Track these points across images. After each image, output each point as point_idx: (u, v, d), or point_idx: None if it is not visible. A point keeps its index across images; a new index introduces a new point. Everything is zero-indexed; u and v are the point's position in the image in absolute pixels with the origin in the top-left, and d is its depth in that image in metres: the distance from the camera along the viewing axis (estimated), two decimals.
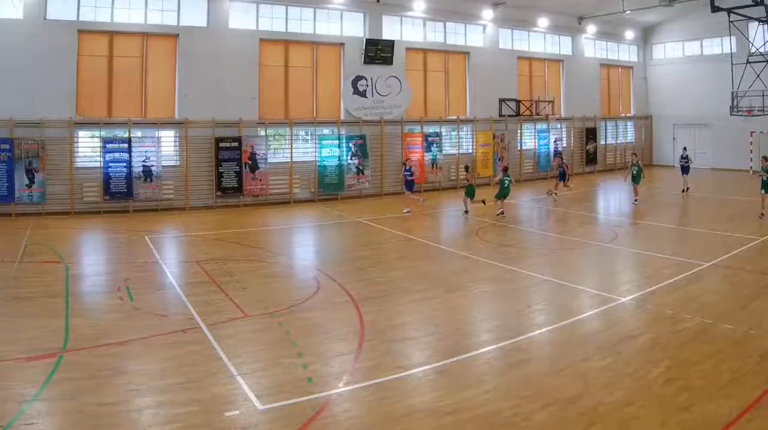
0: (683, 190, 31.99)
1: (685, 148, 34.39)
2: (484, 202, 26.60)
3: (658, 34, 46.75)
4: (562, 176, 32.21)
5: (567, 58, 42.59)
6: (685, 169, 32.85)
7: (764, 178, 23.94)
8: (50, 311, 13.07)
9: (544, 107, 40.27)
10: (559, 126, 41.67)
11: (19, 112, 25.31)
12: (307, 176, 31.61)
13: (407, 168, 28.70)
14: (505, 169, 26.69)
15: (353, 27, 33.54)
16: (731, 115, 38.72)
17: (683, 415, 8.45)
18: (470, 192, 26.66)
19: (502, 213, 25.48)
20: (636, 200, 29.02)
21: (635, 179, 29.45)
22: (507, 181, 25.92)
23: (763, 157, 25.18)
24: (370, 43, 33.30)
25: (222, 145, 29.24)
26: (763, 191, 24.00)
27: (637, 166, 29.58)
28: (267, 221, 26.49)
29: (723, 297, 14.34)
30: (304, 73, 32.33)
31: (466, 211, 26.60)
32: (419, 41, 35.82)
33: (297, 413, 8.61)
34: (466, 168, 28.43)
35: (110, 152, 27.19)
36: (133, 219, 25.92)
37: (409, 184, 28.62)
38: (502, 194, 25.91)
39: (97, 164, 27.10)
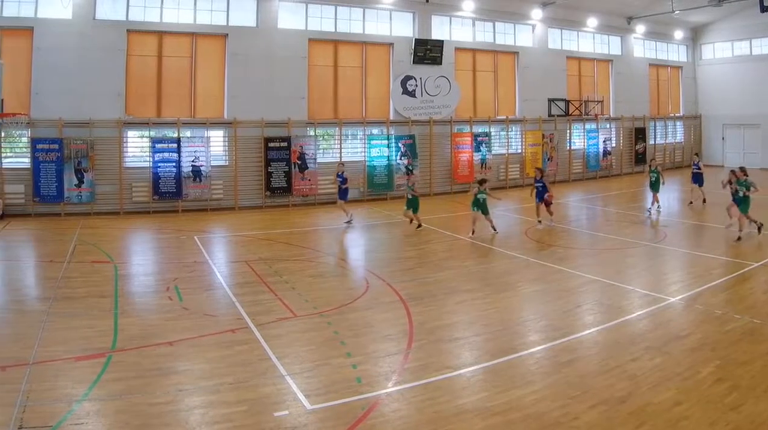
0: (691, 202, 26.52)
1: (696, 154, 29.55)
2: (420, 225, 21.54)
3: (707, 34, 43.61)
4: (543, 197, 22.62)
5: (616, 58, 39.78)
6: (696, 178, 26.68)
7: (739, 193, 19.47)
8: (99, 311, 12.41)
9: (594, 107, 37.66)
10: (608, 126, 38.90)
11: (69, 112, 23.88)
12: (356, 176, 29.36)
13: (339, 174, 23.77)
14: (481, 182, 20.79)
15: (402, 27, 31.46)
16: None
17: (732, 415, 8.06)
18: (413, 204, 21.55)
19: (473, 232, 20.36)
20: (659, 208, 24.72)
21: (654, 187, 24.92)
22: (482, 199, 20.40)
23: (740, 168, 20.30)
24: (419, 43, 31.24)
25: (271, 145, 27.48)
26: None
27: (656, 172, 24.96)
28: (316, 220, 24.96)
29: None
30: (353, 73, 30.38)
31: (419, 226, 21.48)
32: (468, 41, 33.56)
33: (346, 413, 8.21)
34: (409, 172, 22.85)
35: (159, 152, 25.63)
36: (182, 219, 24.56)
37: (343, 193, 23.69)
38: (476, 206, 20.53)
39: (146, 164, 25.55)
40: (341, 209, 23.53)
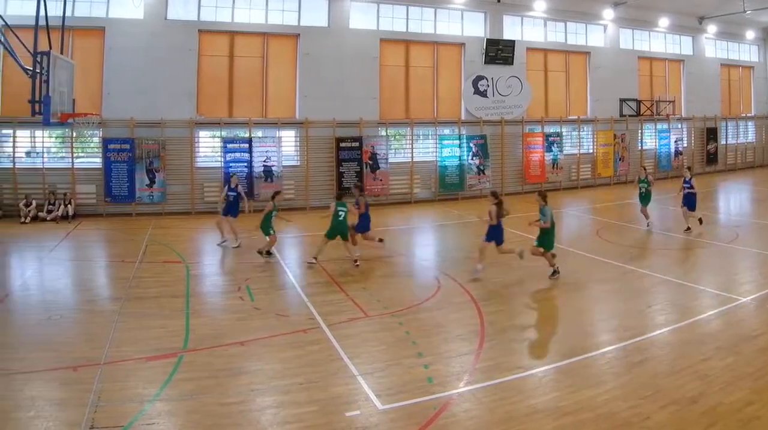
0: (688, 228, 18.21)
1: (688, 168, 19.80)
2: (269, 253, 15.52)
3: None
4: (364, 225, 15.96)
5: (688, 58, 34.86)
6: (688, 200, 18.26)
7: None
8: (171, 311, 11.25)
9: (665, 107, 32.97)
10: (679, 126, 34.16)
11: (140, 112, 21.31)
12: (427, 176, 26.21)
13: (233, 188, 17.30)
14: (339, 197, 15.24)
15: (474, 27, 27.70)
16: None
17: None
18: (266, 225, 15.38)
19: (356, 263, 14.75)
20: (649, 224, 18.97)
21: (643, 200, 18.90)
22: (343, 214, 14.62)
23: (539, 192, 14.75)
24: (490, 43, 27.50)
25: (342, 145, 24.27)
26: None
27: (646, 182, 18.85)
28: (387, 220, 21.92)
29: None
30: (424, 73, 26.81)
31: (265, 256, 15.45)
32: (540, 41, 29.52)
33: (417, 413, 7.38)
34: (274, 195, 16.25)
35: (231, 152, 22.73)
36: (254, 219, 21.29)
37: (232, 208, 17.25)
38: (336, 232, 14.70)
39: (218, 164, 22.73)
40: (224, 227, 17.34)
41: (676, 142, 34.01)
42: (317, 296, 12.25)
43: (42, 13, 15.71)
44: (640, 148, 32.69)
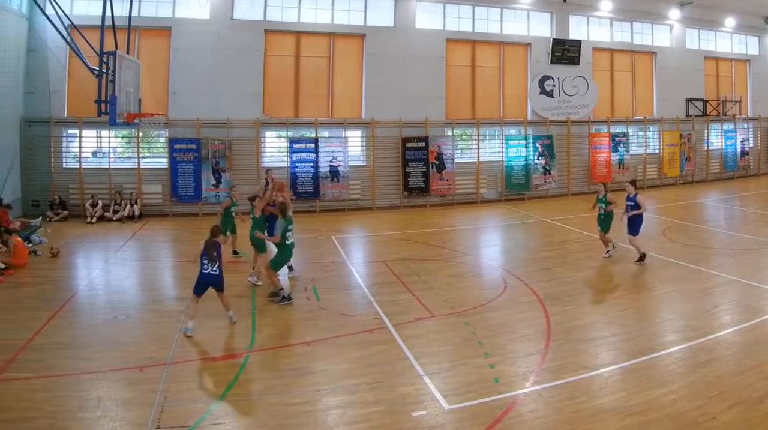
0: (607, 253, 13.60)
1: (632, 182, 13.59)
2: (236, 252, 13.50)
3: None
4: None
5: (754, 58, 29.95)
6: (632, 224, 13.05)
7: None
8: (237, 311, 9.71)
9: (731, 107, 28.44)
10: (746, 126, 29.43)
11: (206, 112, 18.59)
12: (493, 176, 22.69)
13: (267, 182, 13.04)
14: (250, 197, 12.27)
15: (540, 27, 23.93)
16: None
17: None
18: (226, 223, 13.10)
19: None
20: (608, 253, 13.56)
21: (602, 224, 13.59)
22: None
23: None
24: (557, 43, 23.71)
25: (408, 145, 20.97)
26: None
27: (605, 202, 13.50)
28: (453, 220, 19.24)
29: None
30: (490, 73, 23.18)
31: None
32: (606, 41, 25.44)
33: (484, 413, 6.50)
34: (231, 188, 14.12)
35: (297, 152, 19.77)
36: (320, 219, 19.00)
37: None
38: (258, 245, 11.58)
39: (284, 164, 19.73)
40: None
41: (742, 142, 29.35)
42: (383, 295, 10.85)
43: (108, 13, 13.53)
44: (706, 148, 28.22)
